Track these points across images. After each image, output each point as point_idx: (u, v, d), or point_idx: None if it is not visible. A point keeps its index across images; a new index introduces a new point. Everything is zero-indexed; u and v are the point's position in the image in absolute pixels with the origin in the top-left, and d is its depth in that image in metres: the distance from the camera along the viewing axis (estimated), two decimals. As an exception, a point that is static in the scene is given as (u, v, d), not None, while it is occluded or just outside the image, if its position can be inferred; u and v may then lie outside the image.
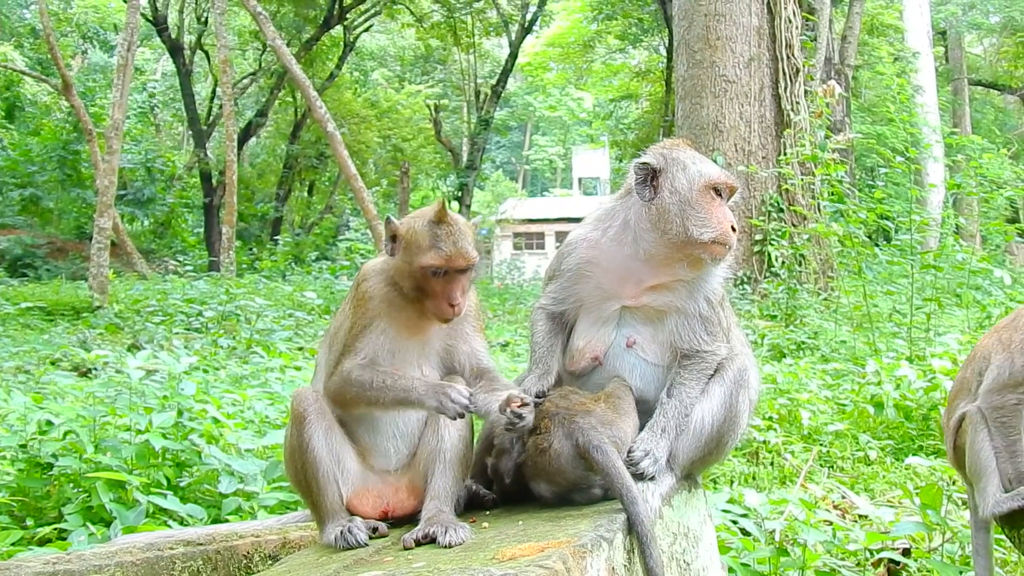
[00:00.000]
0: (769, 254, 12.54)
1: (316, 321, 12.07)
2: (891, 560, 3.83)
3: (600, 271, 2.99)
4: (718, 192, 2.92)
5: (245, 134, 31.89)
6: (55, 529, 3.86)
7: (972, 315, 9.30)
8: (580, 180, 56.78)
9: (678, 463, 2.85)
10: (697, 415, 2.85)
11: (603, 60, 37.61)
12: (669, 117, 23.93)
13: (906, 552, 3.89)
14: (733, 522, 3.97)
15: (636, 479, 2.62)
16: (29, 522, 3.94)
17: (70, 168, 27.38)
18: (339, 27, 32.83)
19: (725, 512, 4.05)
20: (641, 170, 2.93)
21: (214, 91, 31.91)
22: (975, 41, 39.22)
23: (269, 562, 2.92)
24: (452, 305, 2.70)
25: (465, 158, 37.04)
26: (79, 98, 21.42)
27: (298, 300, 13.83)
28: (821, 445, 5.75)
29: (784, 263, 12.10)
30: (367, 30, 35.86)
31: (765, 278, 12.36)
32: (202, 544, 2.90)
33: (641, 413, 2.86)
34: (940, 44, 33.45)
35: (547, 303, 3.08)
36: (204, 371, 7.11)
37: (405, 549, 2.49)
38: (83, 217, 27.45)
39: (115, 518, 3.78)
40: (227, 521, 3.86)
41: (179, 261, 23.79)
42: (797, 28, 13.60)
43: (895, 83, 12.28)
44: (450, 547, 2.42)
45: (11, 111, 31.28)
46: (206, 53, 33.11)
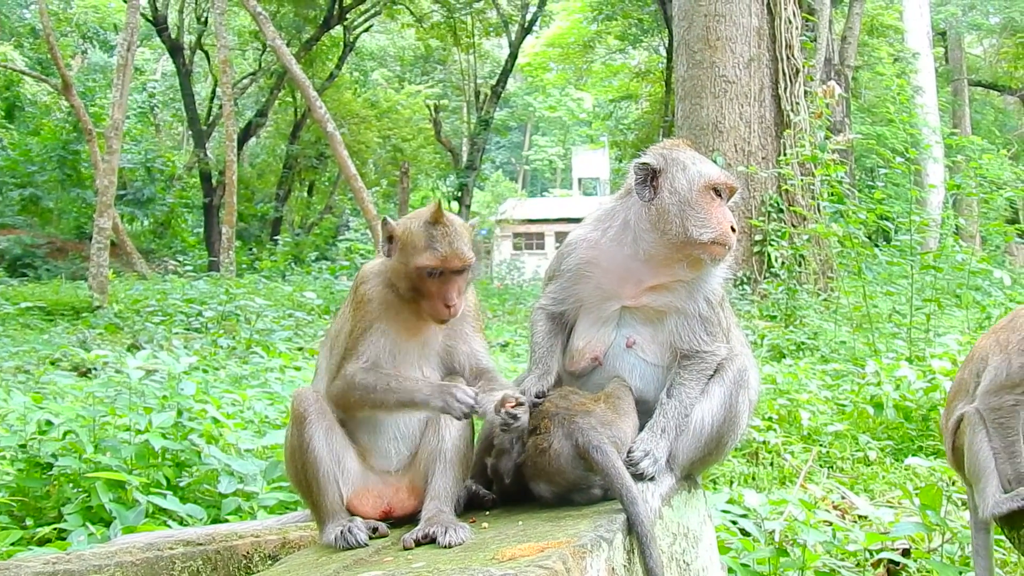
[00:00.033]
0: (769, 255, 12.54)
1: (316, 321, 12.08)
2: (891, 561, 3.83)
3: (600, 271, 2.99)
4: (718, 192, 2.92)
5: (245, 134, 31.88)
6: (55, 529, 3.86)
7: (972, 316, 9.31)
8: (580, 180, 56.82)
9: (678, 463, 2.85)
10: (697, 415, 2.86)
11: (603, 60, 37.59)
12: (669, 117, 23.93)
13: (906, 553, 3.89)
14: (733, 522, 3.97)
15: (636, 479, 2.62)
16: (29, 522, 3.94)
17: (70, 168, 27.38)
18: (339, 27, 32.81)
19: (725, 512, 4.06)
20: (641, 170, 2.93)
21: (214, 91, 31.90)
22: (975, 42, 39.21)
23: (269, 562, 2.92)
24: (448, 306, 2.69)
25: (465, 158, 37.00)
26: (79, 98, 21.41)
27: (298, 300, 13.84)
28: (821, 445, 5.75)
29: (784, 264, 12.10)
30: (367, 30, 35.83)
31: (765, 278, 12.36)
32: (202, 544, 2.90)
33: (641, 413, 2.86)
34: (940, 45, 33.47)
35: (547, 303, 3.08)
36: (204, 371, 7.10)
37: (405, 549, 2.49)
38: (83, 217, 27.44)
39: (115, 518, 3.78)
40: (227, 521, 3.86)
41: (179, 261, 23.78)
42: (797, 29, 13.61)
43: (895, 84, 12.31)
44: (450, 547, 2.42)
45: (11, 111, 31.26)
46: (206, 53, 33.10)
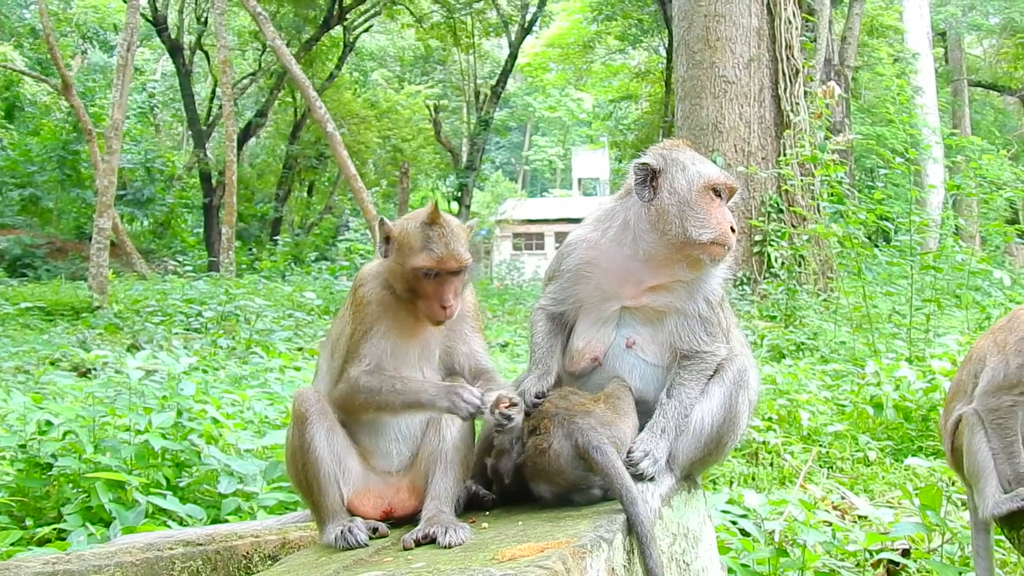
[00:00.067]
0: (769, 255, 12.54)
1: (316, 321, 12.08)
2: (891, 561, 3.83)
3: (600, 272, 2.99)
4: (717, 193, 2.92)
5: (245, 134, 31.87)
6: (54, 529, 3.85)
7: (972, 316, 9.31)
8: (580, 181, 56.83)
9: (678, 464, 2.85)
10: (697, 416, 2.85)
11: (603, 61, 37.60)
12: (669, 118, 23.94)
13: (905, 553, 3.90)
14: (733, 523, 3.98)
15: (636, 480, 2.62)
16: (28, 522, 3.94)
17: (70, 168, 27.38)
18: (339, 27, 32.80)
19: (725, 513, 4.06)
20: (640, 171, 2.93)
21: (214, 91, 31.90)
22: (975, 42, 39.21)
23: (269, 562, 2.92)
24: (444, 307, 2.69)
25: (465, 158, 36.98)
26: (79, 98, 21.42)
27: (298, 300, 13.84)
28: (820, 446, 5.75)
29: (784, 264, 12.10)
30: (367, 30, 35.82)
31: (765, 279, 12.36)
32: (202, 544, 2.90)
33: (641, 413, 2.86)
34: (940, 45, 33.48)
35: (547, 304, 3.07)
36: (203, 371, 7.11)
37: (405, 549, 2.49)
38: (83, 217, 27.44)
39: (114, 518, 3.78)
40: (227, 521, 3.86)
41: (179, 261, 23.73)
42: (797, 29, 13.61)
43: (895, 84, 12.31)
44: (450, 547, 2.42)
45: (11, 111, 31.25)
46: (206, 53, 33.09)
